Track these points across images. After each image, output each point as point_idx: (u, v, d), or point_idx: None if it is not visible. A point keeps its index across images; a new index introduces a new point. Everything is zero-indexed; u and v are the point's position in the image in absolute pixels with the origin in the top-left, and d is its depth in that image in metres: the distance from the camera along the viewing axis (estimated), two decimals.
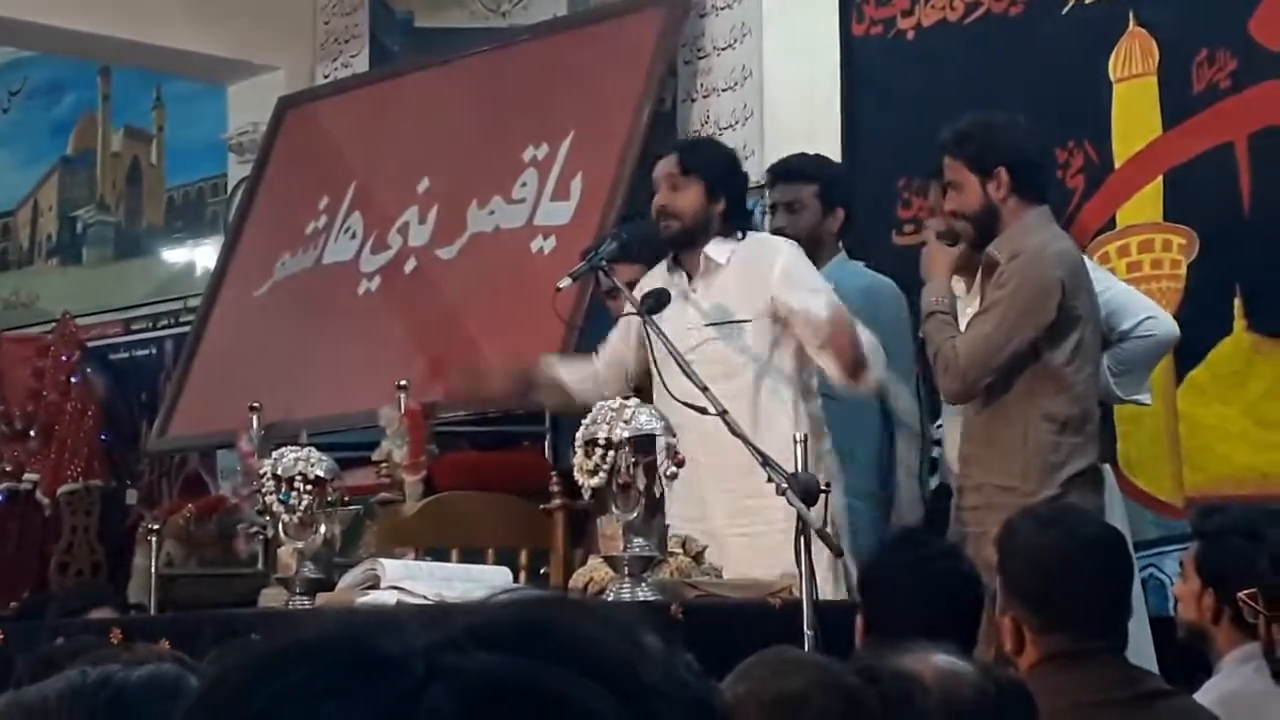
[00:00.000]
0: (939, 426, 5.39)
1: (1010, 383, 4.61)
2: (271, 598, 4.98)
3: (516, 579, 4.91)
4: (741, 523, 4.75)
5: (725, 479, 4.72)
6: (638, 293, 4.88)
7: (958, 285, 4.90)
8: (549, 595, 0.89)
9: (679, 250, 5.00)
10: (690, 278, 4.97)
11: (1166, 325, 5.01)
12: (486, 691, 0.80)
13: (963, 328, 4.71)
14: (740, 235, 5.00)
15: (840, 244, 5.60)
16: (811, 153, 5.77)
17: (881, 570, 3.70)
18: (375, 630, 0.85)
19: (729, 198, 4.99)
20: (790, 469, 4.19)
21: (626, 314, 4.93)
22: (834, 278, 5.44)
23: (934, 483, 5.49)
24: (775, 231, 5.47)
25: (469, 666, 0.82)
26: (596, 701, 0.81)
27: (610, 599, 4.03)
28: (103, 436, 8.70)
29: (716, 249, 4.95)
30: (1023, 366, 4.59)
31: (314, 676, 0.82)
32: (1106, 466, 5.09)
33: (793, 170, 5.61)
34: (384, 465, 5.64)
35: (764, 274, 4.90)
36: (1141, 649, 4.15)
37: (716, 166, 5.04)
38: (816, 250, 5.36)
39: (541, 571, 5.32)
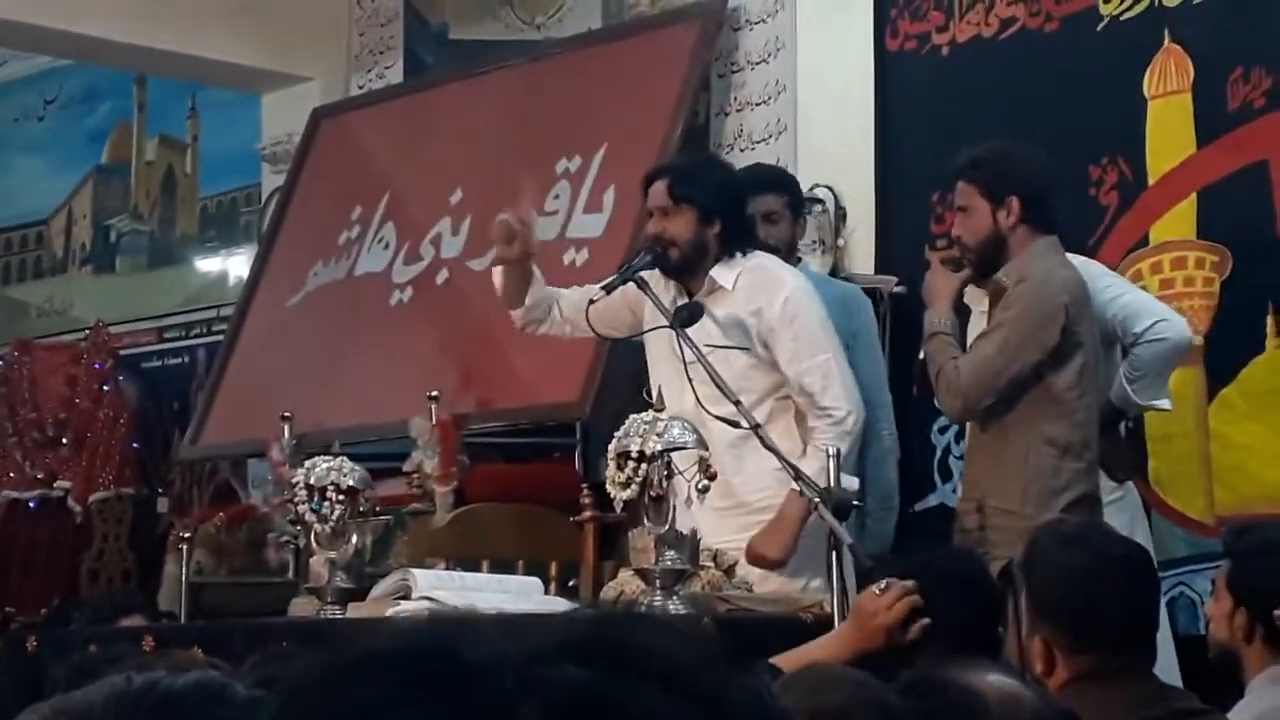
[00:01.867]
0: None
1: (1012, 406, 4.64)
2: (301, 607, 5.00)
3: (546, 591, 4.91)
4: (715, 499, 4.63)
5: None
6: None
7: (980, 298, 4.91)
8: (632, 611, 0.89)
9: (682, 277, 4.97)
10: (691, 296, 4.94)
11: (1179, 328, 5.01)
12: (577, 707, 0.80)
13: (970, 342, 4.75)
14: (744, 254, 4.95)
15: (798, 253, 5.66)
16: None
17: (894, 575, 3.70)
18: (462, 640, 0.84)
19: (725, 218, 4.93)
20: (821, 484, 4.20)
21: (658, 327, 4.92)
22: None
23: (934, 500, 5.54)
24: None
25: (560, 681, 0.81)
26: (682, 718, 0.81)
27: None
28: (134, 444, 8.73)
29: (722, 272, 4.90)
30: (1024, 390, 4.62)
31: (403, 686, 0.81)
32: (1129, 485, 5.10)
33: (769, 180, 5.59)
34: (415, 476, 5.66)
35: (764, 308, 4.87)
36: (1166, 667, 4.14)
37: (707, 191, 4.95)
38: (788, 260, 5.34)
39: (571, 584, 5.33)
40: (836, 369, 4.82)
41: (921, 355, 4.88)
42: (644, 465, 4.14)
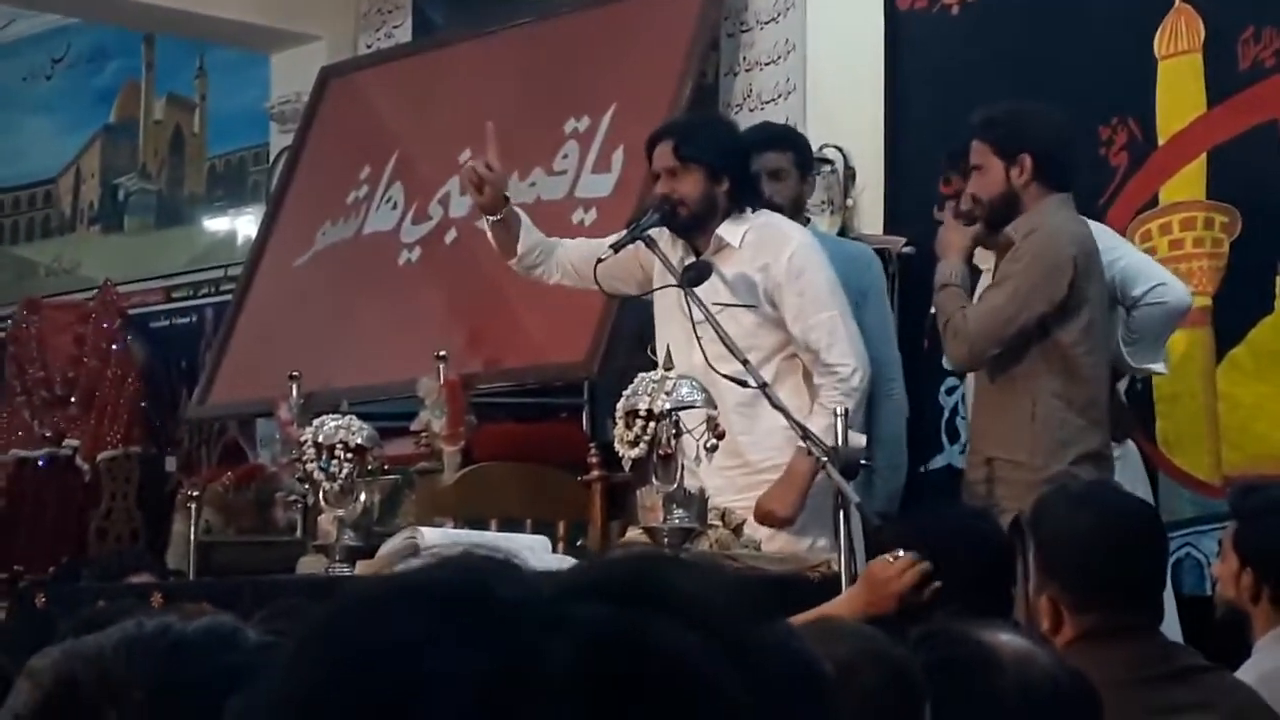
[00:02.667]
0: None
1: (1019, 358, 4.66)
2: (309, 565, 5.01)
3: (554, 550, 4.92)
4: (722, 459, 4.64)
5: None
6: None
7: (989, 258, 4.92)
8: (661, 553, 0.89)
9: (691, 235, 4.97)
10: (698, 255, 4.94)
11: (1178, 293, 5.01)
12: (607, 642, 0.80)
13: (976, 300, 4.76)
14: (752, 210, 4.96)
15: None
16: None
17: (902, 536, 3.72)
18: (496, 576, 0.84)
19: (732, 176, 4.94)
20: (829, 443, 4.21)
21: (666, 286, 4.92)
22: None
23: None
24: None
25: (590, 617, 0.81)
26: (713, 660, 0.81)
27: None
28: (142, 403, 8.74)
29: (729, 230, 4.91)
30: (1031, 343, 4.63)
31: (432, 623, 0.81)
32: (1129, 444, 5.10)
33: (775, 137, 5.59)
34: (423, 435, 5.66)
35: (771, 264, 4.88)
36: (1167, 626, 4.15)
37: (714, 149, 4.96)
38: (795, 218, 5.35)
39: (579, 543, 5.34)
40: (843, 326, 4.82)
41: (932, 310, 4.89)
42: (652, 424, 4.15)
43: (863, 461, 4.22)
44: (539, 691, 0.79)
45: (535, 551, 4.64)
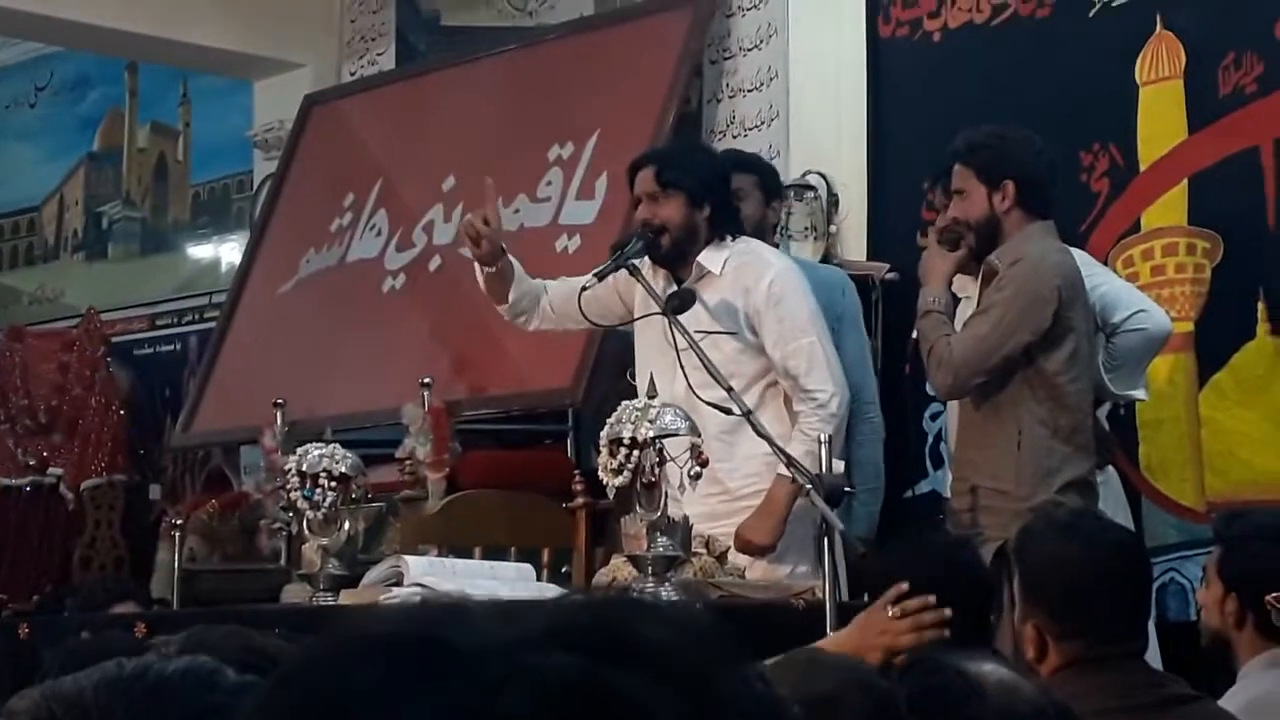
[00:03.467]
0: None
1: (1004, 386, 4.67)
2: (294, 594, 5.00)
3: (539, 577, 4.91)
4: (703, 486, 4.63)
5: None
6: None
7: (969, 286, 4.93)
8: (624, 597, 0.87)
9: (673, 264, 4.98)
10: (680, 283, 4.94)
11: (1158, 319, 5.03)
12: (563, 694, 0.79)
13: (959, 328, 4.76)
14: (732, 238, 4.98)
15: (777, 238, 5.68)
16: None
17: (886, 566, 3.72)
18: (450, 625, 0.84)
19: (713, 203, 4.96)
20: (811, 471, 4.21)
21: (649, 314, 4.93)
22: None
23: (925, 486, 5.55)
24: None
25: (546, 667, 0.81)
26: (671, 709, 0.80)
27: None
28: (127, 431, 8.72)
29: (710, 257, 4.93)
30: (1015, 370, 4.64)
31: (389, 674, 0.81)
32: (1110, 469, 5.11)
33: (738, 163, 5.60)
34: (407, 463, 5.66)
35: (751, 289, 4.90)
36: (1150, 653, 4.15)
37: (695, 175, 4.99)
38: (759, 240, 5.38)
39: (564, 570, 5.34)
40: (821, 351, 4.84)
41: (914, 334, 4.90)
42: (636, 452, 4.14)
43: (845, 489, 4.22)
44: None
45: (520, 579, 4.65)
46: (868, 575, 3.79)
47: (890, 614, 3.46)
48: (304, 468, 4.76)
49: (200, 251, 9.40)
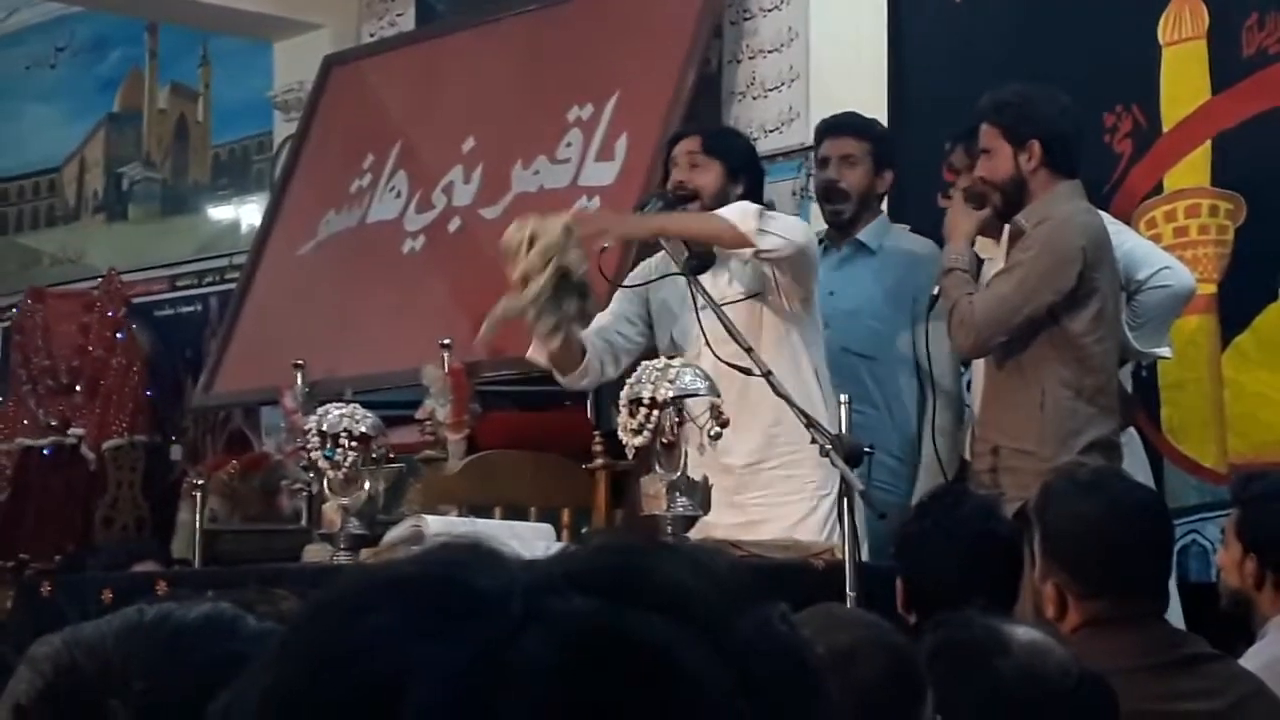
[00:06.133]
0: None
1: (1028, 346, 4.66)
2: (315, 553, 5.01)
3: (559, 538, 4.92)
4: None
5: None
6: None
7: (990, 246, 4.92)
8: (647, 541, 0.87)
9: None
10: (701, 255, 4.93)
11: (1182, 276, 5.01)
12: (582, 637, 0.79)
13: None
14: None
15: (883, 207, 5.64)
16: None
17: (915, 532, 3.72)
18: (474, 567, 0.83)
19: (748, 182, 5.01)
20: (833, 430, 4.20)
21: (669, 274, 4.92)
22: (877, 239, 5.48)
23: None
24: (826, 184, 5.52)
25: (566, 610, 0.80)
26: (692, 652, 0.80)
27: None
28: (147, 392, 8.75)
29: None
30: (1039, 330, 4.63)
31: (408, 615, 0.80)
32: (1132, 431, 5.10)
33: (847, 125, 5.62)
34: (427, 423, 5.66)
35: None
36: (1171, 612, 4.15)
37: (737, 150, 5.11)
38: (862, 209, 5.43)
39: (583, 531, 5.34)
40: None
41: (935, 292, 4.89)
42: (655, 412, 4.15)
43: (866, 449, 4.21)
44: (516, 685, 0.78)
45: (539, 539, 4.66)
46: (899, 546, 3.80)
47: None
48: (324, 428, 4.77)
49: (220, 213, 9.41)
